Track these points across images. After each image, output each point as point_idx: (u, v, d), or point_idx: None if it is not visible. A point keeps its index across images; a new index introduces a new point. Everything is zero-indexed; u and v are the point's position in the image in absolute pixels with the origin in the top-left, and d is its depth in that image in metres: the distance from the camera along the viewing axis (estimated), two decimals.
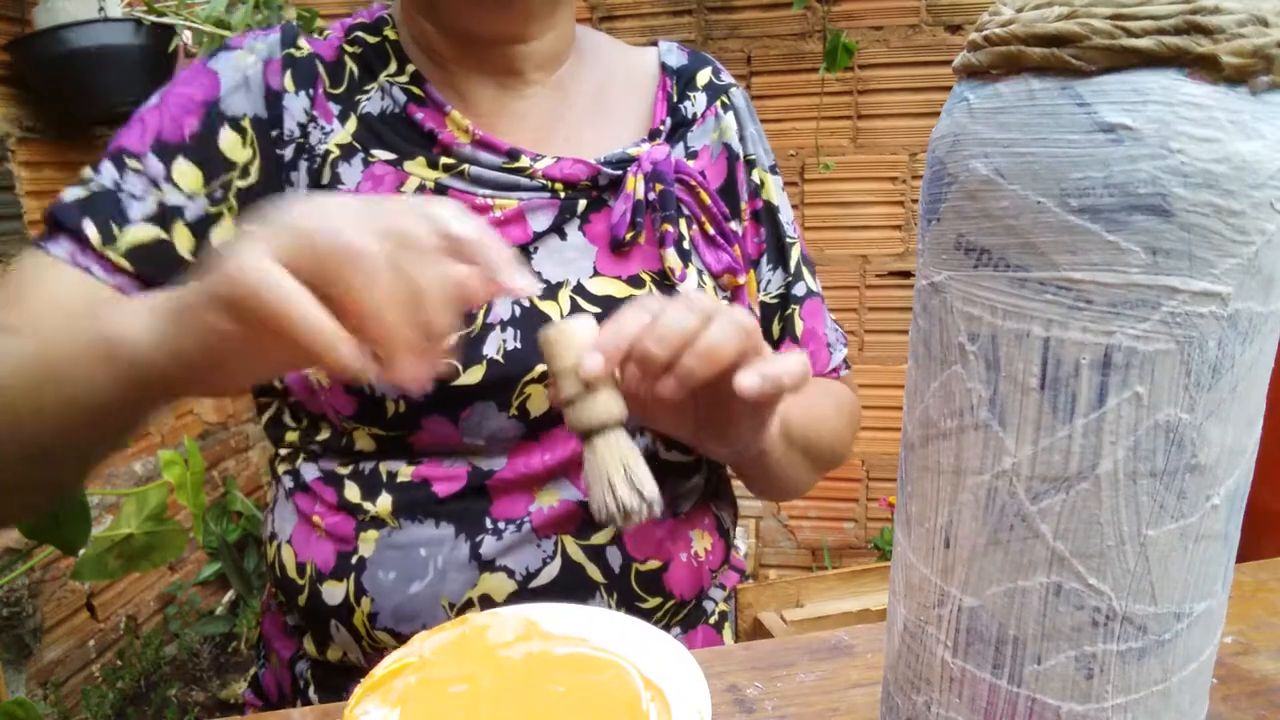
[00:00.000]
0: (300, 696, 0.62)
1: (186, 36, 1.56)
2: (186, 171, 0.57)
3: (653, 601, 0.60)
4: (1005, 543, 0.26)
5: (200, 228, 0.58)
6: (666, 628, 0.62)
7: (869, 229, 1.97)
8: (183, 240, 0.57)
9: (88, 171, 0.57)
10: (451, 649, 0.40)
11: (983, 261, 0.26)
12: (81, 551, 1.08)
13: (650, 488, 0.44)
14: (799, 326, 0.70)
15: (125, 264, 0.55)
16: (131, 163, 0.57)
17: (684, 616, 0.64)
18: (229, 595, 2.07)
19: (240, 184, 0.58)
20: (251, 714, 0.68)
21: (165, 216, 0.57)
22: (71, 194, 0.56)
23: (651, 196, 0.61)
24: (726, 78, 0.71)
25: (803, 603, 1.29)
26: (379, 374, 0.37)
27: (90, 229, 0.55)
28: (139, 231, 0.56)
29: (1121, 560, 0.25)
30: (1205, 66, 0.23)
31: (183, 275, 0.55)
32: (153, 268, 0.56)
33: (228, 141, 0.58)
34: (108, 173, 0.57)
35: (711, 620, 0.68)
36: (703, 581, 0.64)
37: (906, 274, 1.96)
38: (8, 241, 1.55)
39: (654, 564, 0.60)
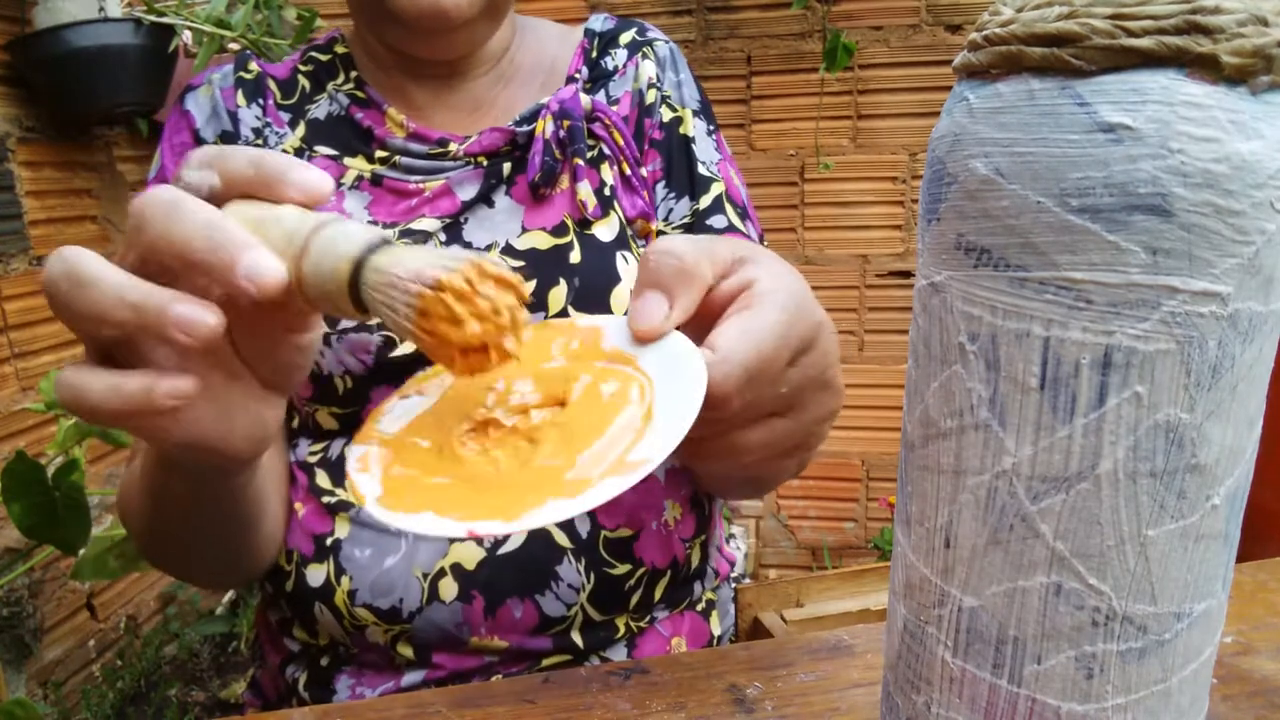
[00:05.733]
0: (294, 695, 0.63)
1: (186, 36, 1.56)
2: None
3: (622, 568, 0.61)
4: (1005, 543, 0.26)
5: None
6: (646, 600, 0.63)
7: (869, 229, 1.97)
8: None
9: None
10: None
11: (983, 261, 0.26)
12: (81, 551, 1.08)
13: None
14: None
15: None
16: None
17: (667, 592, 0.64)
18: (229, 595, 2.07)
19: None
20: (251, 714, 0.69)
21: None
22: None
23: (561, 134, 0.62)
24: (654, 34, 0.71)
25: (803, 603, 1.28)
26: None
27: None
28: None
29: (1121, 560, 0.25)
30: (1205, 66, 0.23)
31: None
32: None
33: None
34: None
35: (699, 607, 0.67)
36: (675, 550, 0.63)
37: (906, 274, 1.96)
38: (8, 241, 1.55)
39: (624, 531, 0.61)
